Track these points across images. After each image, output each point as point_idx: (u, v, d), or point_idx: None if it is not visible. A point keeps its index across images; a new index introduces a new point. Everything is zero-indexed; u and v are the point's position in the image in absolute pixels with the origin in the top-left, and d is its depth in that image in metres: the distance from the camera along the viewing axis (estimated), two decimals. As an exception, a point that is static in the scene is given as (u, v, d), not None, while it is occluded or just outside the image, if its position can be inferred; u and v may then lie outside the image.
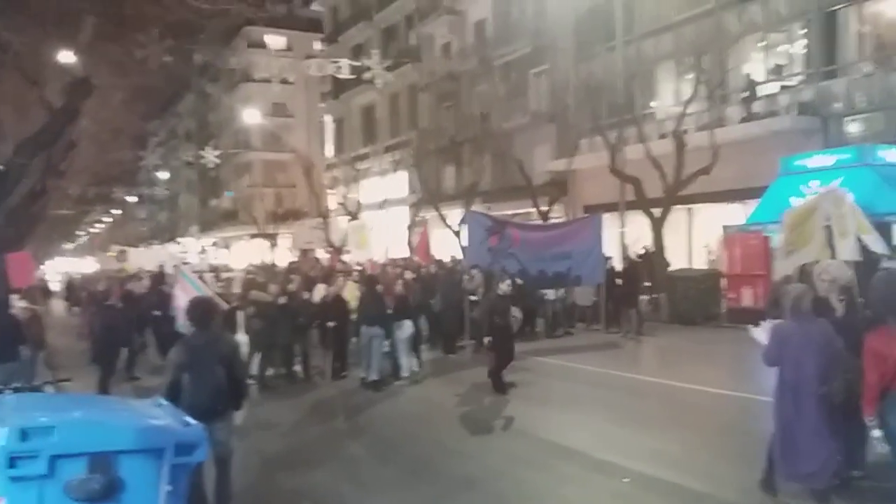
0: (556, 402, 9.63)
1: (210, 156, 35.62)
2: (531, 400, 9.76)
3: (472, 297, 13.17)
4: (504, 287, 10.31)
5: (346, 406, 10.01)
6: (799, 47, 20.32)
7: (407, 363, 11.23)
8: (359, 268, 17.26)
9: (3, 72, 12.83)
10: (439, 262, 16.46)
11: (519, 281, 11.60)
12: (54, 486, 3.61)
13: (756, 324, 6.39)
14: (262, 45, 52.90)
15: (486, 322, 10.07)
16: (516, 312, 11.76)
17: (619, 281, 15.48)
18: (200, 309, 6.08)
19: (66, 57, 15.30)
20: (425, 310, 12.83)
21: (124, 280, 18.12)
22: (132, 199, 64.23)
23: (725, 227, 18.05)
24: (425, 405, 9.95)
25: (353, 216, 30.12)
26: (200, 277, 13.26)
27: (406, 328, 11.23)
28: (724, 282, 17.29)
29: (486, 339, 10.02)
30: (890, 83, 17.58)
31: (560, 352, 13.10)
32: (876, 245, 7.19)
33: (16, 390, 5.90)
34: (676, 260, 20.52)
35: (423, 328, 12.79)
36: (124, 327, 10.91)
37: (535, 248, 14.21)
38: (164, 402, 4.78)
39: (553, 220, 22.47)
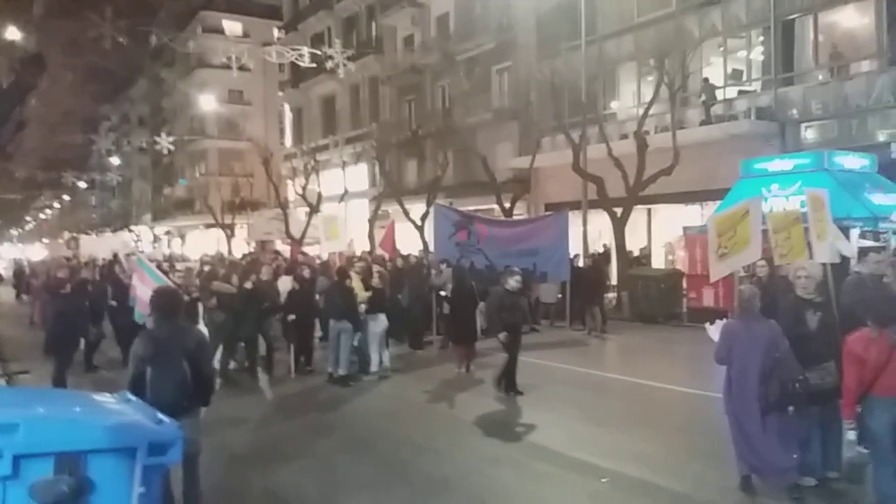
0: (526, 399, 9.57)
1: (164, 142, 34.58)
2: (501, 397, 9.69)
3: (441, 293, 13.05)
4: (513, 282, 9.88)
5: (314, 402, 9.77)
6: (757, 53, 20.73)
7: (377, 358, 11.01)
8: (319, 260, 16.92)
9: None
10: (405, 256, 16.27)
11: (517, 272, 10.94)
12: (18, 487, 3.36)
13: (712, 322, 6.58)
14: (219, 31, 51.71)
15: (496, 318, 9.64)
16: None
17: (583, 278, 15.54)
18: (166, 299, 5.81)
19: (15, 34, 14.57)
20: (393, 304, 12.65)
21: (76, 268, 17.45)
22: (82, 184, 62.19)
23: (686, 228, 18.31)
24: (396, 402, 9.78)
25: (314, 208, 29.65)
26: (158, 266, 12.84)
27: (381, 322, 11.02)
28: (684, 281, 17.55)
29: (502, 335, 9.53)
30: (844, 92, 18.06)
31: (527, 349, 12.89)
32: (846, 250, 7.32)
33: (-33, 384, 5.58)
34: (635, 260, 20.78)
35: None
36: (80, 317, 10.37)
37: (501, 244, 14.17)
38: (131, 397, 4.53)
39: (517, 217, 22.46)
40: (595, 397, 9.77)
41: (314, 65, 26.88)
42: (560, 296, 16.35)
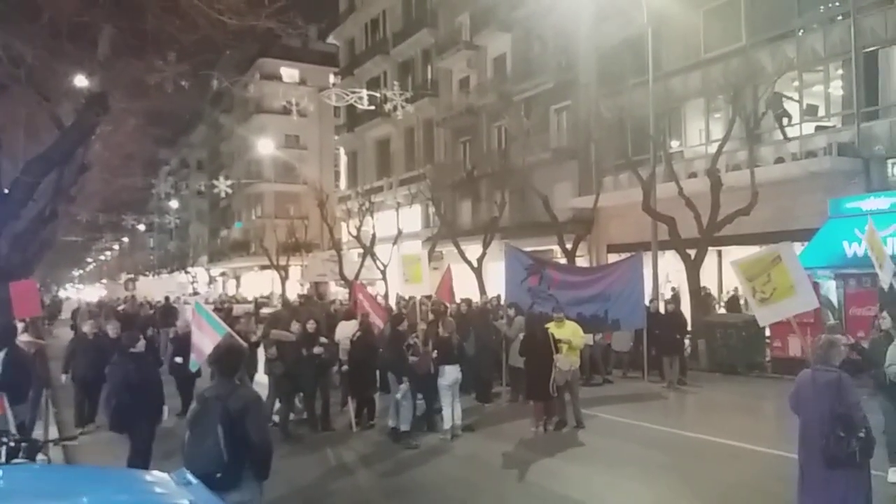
0: (617, 464, 8.57)
1: (222, 185, 35.02)
2: (588, 462, 8.73)
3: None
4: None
5: (383, 464, 8.91)
6: (836, 87, 19.64)
7: (449, 414, 9.95)
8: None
9: (15, 88, 12.09)
10: (467, 301, 15.43)
11: None
12: None
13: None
14: (277, 77, 52.84)
15: None
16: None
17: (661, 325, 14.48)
18: (227, 356, 5.23)
19: (81, 81, 14.66)
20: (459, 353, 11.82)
21: (129, 310, 17.22)
22: (142, 227, 63.77)
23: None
24: (471, 466, 8.81)
25: (367, 249, 29.37)
26: (215, 309, 12.37)
27: (448, 374, 9.95)
28: (768, 329, 16.28)
29: None
30: (936, 125, 16.83)
31: (606, 403, 12.02)
32: None
33: (9, 450, 4.94)
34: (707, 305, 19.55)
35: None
36: (155, 384, 7.83)
37: (573, 291, 13.28)
38: (191, 478, 3.81)
39: (578, 258, 21.54)
40: (695, 464, 8.60)
41: (372, 107, 26.79)
42: (632, 344, 15.32)
